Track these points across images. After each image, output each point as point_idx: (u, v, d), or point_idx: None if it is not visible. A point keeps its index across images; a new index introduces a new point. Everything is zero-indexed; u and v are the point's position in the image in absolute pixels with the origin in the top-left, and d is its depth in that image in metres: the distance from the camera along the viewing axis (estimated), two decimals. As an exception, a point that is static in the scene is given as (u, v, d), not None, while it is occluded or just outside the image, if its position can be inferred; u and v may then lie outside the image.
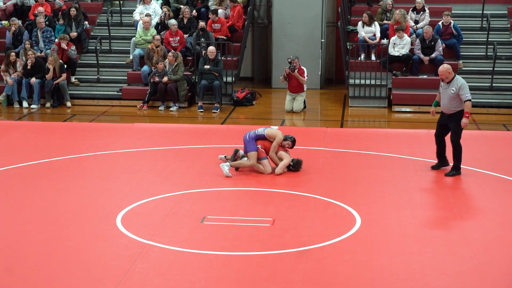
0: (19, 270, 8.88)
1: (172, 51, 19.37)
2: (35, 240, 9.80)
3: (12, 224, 10.44)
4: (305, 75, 18.98)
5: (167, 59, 19.17)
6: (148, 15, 20.57)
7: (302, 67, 19.11)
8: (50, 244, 9.65)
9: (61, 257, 9.27)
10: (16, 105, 19.34)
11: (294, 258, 9.24)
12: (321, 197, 11.60)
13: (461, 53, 20.18)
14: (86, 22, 21.36)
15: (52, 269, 8.91)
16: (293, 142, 13.12)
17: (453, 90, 12.62)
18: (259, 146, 13.00)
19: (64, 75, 19.46)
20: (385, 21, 20.56)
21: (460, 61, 19.93)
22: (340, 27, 20.31)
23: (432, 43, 19.46)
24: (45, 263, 9.07)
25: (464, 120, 12.65)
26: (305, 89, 19.03)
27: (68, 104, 19.41)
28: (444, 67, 12.76)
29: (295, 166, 12.94)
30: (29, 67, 19.44)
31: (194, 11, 21.32)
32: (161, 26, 20.69)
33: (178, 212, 10.89)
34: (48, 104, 19.33)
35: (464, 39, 20.35)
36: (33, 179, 12.57)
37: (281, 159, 12.94)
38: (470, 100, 12.61)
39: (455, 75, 12.76)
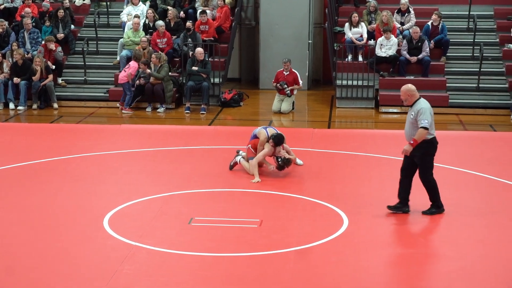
0: (6, 271, 8.84)
1: (155, 52, 19.35)
2: (22, 242, 9.77)
3: (-1, 226, 10.42)
4: (299, 79, 19.11)
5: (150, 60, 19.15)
6: (137, 16, 20.55)
7: (294, 70, 19.18)
8: (37, 246, 9.62)
9: (48, 258, 9.24)
10: (2, 107, 19.26)
11: (282, 259, 9.25)
12: (308, 198, 11.61)
13: (448, 54, 20.26)
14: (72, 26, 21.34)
15: (39, 271, 8.88)
16: (275, 140, 12.69)
17: (412, 114, 10.62)
18: (249, 146, 13.01)
19: (50, 76, 19.42)
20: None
21: (443, 57, 20.04)
22: (327, 28, 20.35)
23: (419, 43, 19.53)
24: (32, 265, 9.04)
25: (406, 146, 10.62)
26: (295, 92, 19.09)
27: (55, 105, 19.35)
28: (405, 88, 10.77)
29: (283, 161, 12.77)
30: (6, 68, 19.37)
31: (182, 12, 21.31)
32: (148, 27, 20.67)
33: (165, 213, 10.89)
34: (35, 106, 19.28)
35: (451, 40, 20.42)
36: (20, 181, 12.53)
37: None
38: (425, 128, 10.44)
39: (419, 98, 10.74)
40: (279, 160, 12.75)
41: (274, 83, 19.13)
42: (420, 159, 10.67)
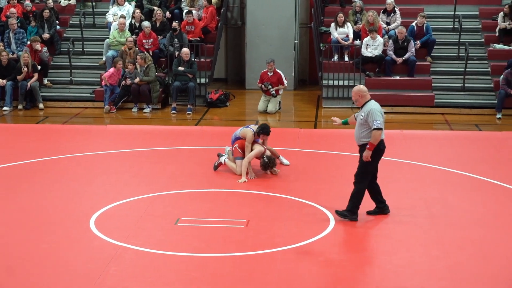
0: (-8, 273, 8.83)
1: (140, 53, 19.31)
2: (8, 243, 9.73)
3: (-16, 227, 10.37)
4: (284, 79, 19.09)
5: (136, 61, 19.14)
6: (123, 16, 20.51)
7: (278, 70, 19.16)
8: (23, 247, 9.59)
9: (34, 259, 9.21)
10: (-12, 108, 19.23)
11: (269, 259, 9.26)
12: (295, 198, 11.62)
13: (433, 54, 20.35)
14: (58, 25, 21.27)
15: (25, 272, 8.85)
16: (264, 131, 12.88)
17: (362, 115, 10.50)
18: (236, 145, 13.00)
19: (36, 75, 19.37)
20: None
21: (428, 57, 20.13)
22: (314, 28, 20.37)
23: (405, 44, 19.59)
24: (18, 266, 9.00)
25: (365, 153, 10.41)
26: (280, 93, 19.09)
27: (41, 106, 19.28)
28: (356, 88, 10.70)
29: (268, 158, 12.78)
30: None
31: (168, 12, 21.29)
32: (134, 27, 20.64)
33: (152, 214, 10.87)
34: (20, 106, 19.21)
35: (436, 40, 20.50)
36: (6, 182, 12.48)
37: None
38: (379, 129, 10.30)
39: (370, 100, 10.62)
40: (265, 157, 12.74)
41: (259, 83, 19.14)
42: (361, 160, 10.53)
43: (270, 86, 18.79)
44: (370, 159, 10.42)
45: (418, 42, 19.96)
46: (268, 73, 19.08)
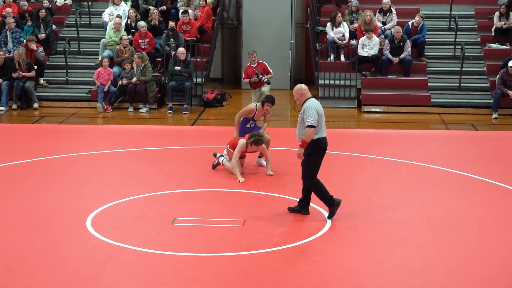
0: (-12, 273, 8.82)
1: (137, 52, 19.30)
2: (4, 243, 9.72)
3: (-20, 227, 10.35)
4: (268, 68, 18.82)
5: (134, 60, 19.14)
6: (119, 16, 20.49)
7: (260, 61, 18.85)
8: (19, 247, 9.57)
9: (31, 260, 9.20)
10: (-16, 108, 19.19)
11: (265, 258, 9.26)
12: (291, 198, 11.61)
13: (429, 53, 20.37)
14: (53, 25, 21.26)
15: (22, 272, 8.84)
16: (269, 99, 13.13)
17: (300, 113, 10.52)
18: (227, 146, 12.99)
19: (33, 72, 19.36)
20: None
21: (423, 57, 20.16)
22: (310, 28, 20.38)
23: (401, 43, 19.60)
24: (14, 266, 8.99)
25: (297, 150, 10.51)
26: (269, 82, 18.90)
27: (35, 105, 19.25)
28: (297, 87, 10.63)
29: (253, 135, 12.66)
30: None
31: (162, 6, 21.28)
32: (130, 27, 20.63)
33: (148, 213, 10.86)
34: (14, 106, 19.17)
35: (432, 40, 20.54)
36: (2, 182, 12.46)
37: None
38: (312, 126, 10.24)
39: (310, 98, 10.58)
40: (250, 139, 12.65)
41: (245, 79, 18.59)
42: (303, 160, 10.51)
43: (261, 75, 18.42)
44: (302, 157, 10.45)
45: (412, 41, 19.99)
46: (252, 65, 18.73)
